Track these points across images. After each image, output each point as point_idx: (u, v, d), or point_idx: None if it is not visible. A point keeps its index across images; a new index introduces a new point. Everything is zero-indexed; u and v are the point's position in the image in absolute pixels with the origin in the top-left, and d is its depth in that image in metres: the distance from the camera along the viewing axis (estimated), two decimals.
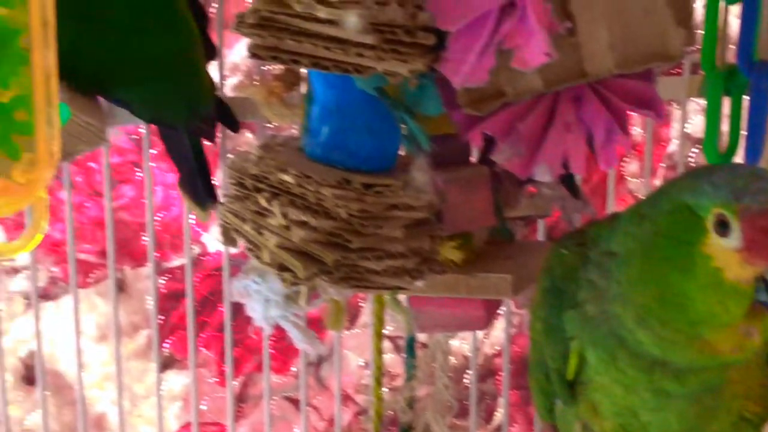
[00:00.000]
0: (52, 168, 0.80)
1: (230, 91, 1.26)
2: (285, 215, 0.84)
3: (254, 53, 0.82)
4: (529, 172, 0.89)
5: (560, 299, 0.82)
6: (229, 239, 0.92)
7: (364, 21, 0.78)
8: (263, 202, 0.86)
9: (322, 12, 0.79)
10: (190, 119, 1.10)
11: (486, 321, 1.04)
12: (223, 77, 1.22)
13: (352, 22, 0.78)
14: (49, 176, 0.78)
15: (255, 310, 0.93)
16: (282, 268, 0.85)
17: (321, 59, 0.81)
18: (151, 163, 1.48)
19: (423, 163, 0.87)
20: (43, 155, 0.76)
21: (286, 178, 0.85)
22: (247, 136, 1.62)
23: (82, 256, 1.72)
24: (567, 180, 1.04)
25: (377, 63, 0.80)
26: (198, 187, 1.16)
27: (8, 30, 0.73)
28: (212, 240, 1.76)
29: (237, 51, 1.68)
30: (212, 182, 1.14)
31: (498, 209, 1.03)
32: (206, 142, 1.13)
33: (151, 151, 1.49)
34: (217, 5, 1.30)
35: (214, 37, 1.15)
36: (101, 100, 1.06)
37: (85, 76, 1.00)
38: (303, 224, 0.84)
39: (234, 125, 1.18)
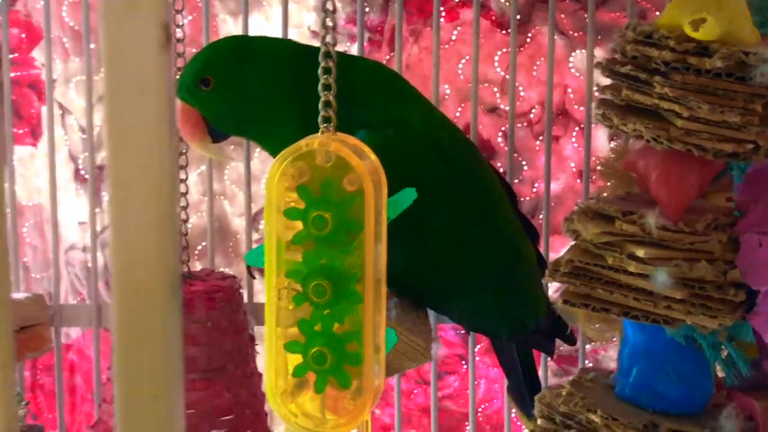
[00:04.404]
0: (377, 396, 0.87)
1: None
2: None
3: (566, 299, 0.86)
4: None
5: None
6: None
7: (673, 277, 0.81)
8: None
9: (632, 266, 0.82)
10: (513, 332, 1.14)
11: None
12: None
13: (661, 278, 0.81)
14: (374, 403, 0.86)
15: None
16: None
17: (631, 309, 0.84)
18: (476, 357, 1.54)
19: (732, 411, 0.87)
20: (369, 384, 0.84)
21: (594, 418, 0.88)
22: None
23: None
24: None
25: (686, 316, 0.82)
26: (524, 396, 1.19)
27: (346, 273, 0.82)
28: None
29: None
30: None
31: None
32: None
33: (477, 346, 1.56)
34: (543, 214, 1.36)
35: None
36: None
37: (412, 293, 1.08)
38: None
39: (569, 339, 1.20)
